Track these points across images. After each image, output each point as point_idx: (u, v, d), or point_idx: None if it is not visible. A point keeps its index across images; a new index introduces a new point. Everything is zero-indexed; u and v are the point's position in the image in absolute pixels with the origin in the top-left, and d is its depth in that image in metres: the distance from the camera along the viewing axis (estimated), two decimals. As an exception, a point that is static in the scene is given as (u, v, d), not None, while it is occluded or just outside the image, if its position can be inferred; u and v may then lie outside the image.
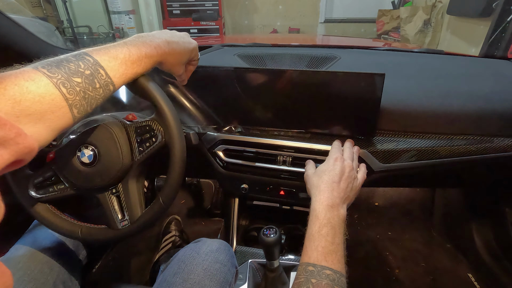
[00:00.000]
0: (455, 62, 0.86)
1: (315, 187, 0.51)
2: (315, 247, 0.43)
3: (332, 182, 0.50)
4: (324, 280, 0.39)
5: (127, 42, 0.44)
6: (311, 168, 0.57)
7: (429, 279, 1.01)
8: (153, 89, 0.50)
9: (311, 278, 0.39)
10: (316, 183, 0.52)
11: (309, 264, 0.41)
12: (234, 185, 0.75)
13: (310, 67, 0.77)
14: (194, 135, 0.64)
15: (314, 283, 0.39)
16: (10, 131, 0.17)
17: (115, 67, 0.41)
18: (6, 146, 0.16)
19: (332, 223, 0.45)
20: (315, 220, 0.46)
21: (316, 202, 0.48)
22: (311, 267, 0.41)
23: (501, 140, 0.63)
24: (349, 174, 0.52)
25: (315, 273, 0.40)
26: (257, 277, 0.67)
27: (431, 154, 0.63)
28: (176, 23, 3.69)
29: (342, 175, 0.52)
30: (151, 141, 0.52)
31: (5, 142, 0.16)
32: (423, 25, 2.83)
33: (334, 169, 0.52)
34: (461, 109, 0.64)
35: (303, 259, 0.43)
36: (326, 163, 0.54)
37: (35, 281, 0.53)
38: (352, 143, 0.62)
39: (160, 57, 0.48)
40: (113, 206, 0.53)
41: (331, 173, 0.51)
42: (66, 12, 3.19)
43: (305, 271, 0.41)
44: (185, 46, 0.53)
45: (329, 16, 3.83)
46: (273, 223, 0.62)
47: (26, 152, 0.17)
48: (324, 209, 0.47)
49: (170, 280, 0.51)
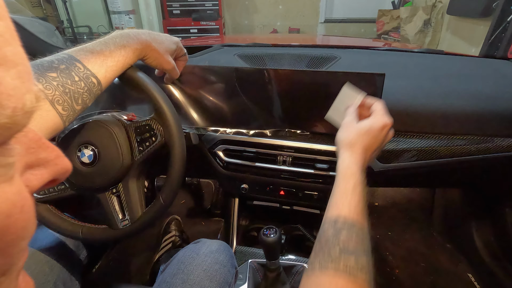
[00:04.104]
0: (455, 62, 0.86)
1: (350, 144, 0.47)
2: (347, 203, 0.40)
3: (369, 147, 0.47)
4: (354, 235, 0.37)
5: (104, 38, 0.47)
6: (351, 118, 0.51)
7: (429, 279, 1.01)
8: (147, 83, 0.51)
9: (341, 232, 0.37)
10: (354, 140, 0.47)
11: (339, 218, 0.39)
12: (234, 185, 0.75)
13: (310, 67, 0.77)
14: (194, 135, 0.64)
15: (344, 238, 0.37)
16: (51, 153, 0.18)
17: (92, 59, 0.42)
18: (47, 166, 0.17)
19: (363, 184, 0.43)
20: (351, 177, 0.43)
21: (351, 161, 0.45)
22: (341, 222, 0.39)
23: (501, 140, 0.63)
24: (383, 146, 0.49)
25: (346, 228, 0.38)
26: (257, 277, 0.67)
27: (431, 154, 0.63)
28: (176, 23, 3.69)
29: (381, 146, 0.48)
30: (151, 141, 0.52)
31: (46, 163, 0.17)
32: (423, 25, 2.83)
33: (378, 135, 0.47)
34: (461, 109, 0.64)
35: (332, 212, 0.40)
36: (374, 123, 0.48)
37: (36, 281, 0.53)
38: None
39: (141, 44, 0.50)
40: (114, 206, 0.53)
41: (374, 139, 0.47)
42: (66, 12, 3.20)
43: (334, 225, 0.39)
44: (166, 37, 0.56)
45: (329, 16, 3.83)
46: (273, 223, 0.62)
47: (62, 173, 0.18)
48: (359, 169, 0.44)
49: (170, 280, 0.50)
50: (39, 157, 0.17)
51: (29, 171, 0.16)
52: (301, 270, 0.67)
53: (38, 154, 0.17)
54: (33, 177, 0.16)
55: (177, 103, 0.73)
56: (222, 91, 0.70)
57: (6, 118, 0.12)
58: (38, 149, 0.17)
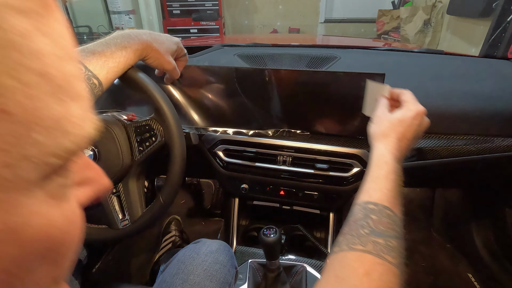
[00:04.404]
0: (455, 62, 0.86)
1: (384, 134, 0.47)
2: (379, 188, 0.40)
3: (404, 137, 0.46)
4: (385, 218, 0.36)
5: (105, 39, 0.47)
6: (383, 110, 0.51)
7: (429, 279, 1.01)
8: (147, 83, 0.51)
9: (371, 214, 0.37)
10: (387, 131, 0.47)
11: (369, 202, 0.38)
12: (234, 185, 0.75)
13: (310, 67, 0.77)
14: (194, 135, 0.64)
15: (374, 219, 0.36)
16: (96, 173, 0.20)
17: (93, 60, 0.43)
18: (92, 184, 0.19)
19: (398, 173, 0.42)
20: (384, 164, 0.43)
21: (385, 150, 0.45)
22: (371, 205, 0.38)
23: (501, 140, 0.63)
24: (421, 135, 0.49)
25: (376, 211, 0.37)
26: (257, 277, 0.67)
27: (431, 154, 0.63)
28: (176, 23, 3.69)
29: (417, 134, 0.48)
30: (151, 141, 0.52)
31: (91, 181, 0.19)
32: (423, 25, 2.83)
33: (412, 124, 0.47)
34: (461, 109, 0.64)
35: (362, 198, 0.40)
36: (406, 113, 0.48)
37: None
38: None
39: (142, 45, 0.50)
40: (114, 206, 0.53)
41: (408, 128, 0.47)
42: (66, 12, 3.19)
43: (364, 208, 0.38)
44: (167, 37, 0.56)
45: (329, 16, 3.83)
46: (273, 223, 0.62)
47: (103, 190, 0.20)
48: (393, 158, 0.44)
49: (170, 280, 0.50)
50: (86, 176, 0.19)
51: (78, 188, 0.18)
52: (301, 270, 0.67)
53: (85, 173, 0.19)
54: (81, 194, 0.18)
55: (177, 103, 0.73)
56: (222, 91, 0.70)
57: (72, 144, 0.13)
58: (85, 168, 0.19)
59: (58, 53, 0.13)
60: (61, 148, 0.13)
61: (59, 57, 0.13)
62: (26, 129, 0.11)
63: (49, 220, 0.14)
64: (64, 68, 0.13)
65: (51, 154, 0.12)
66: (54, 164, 0.13)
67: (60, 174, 0.14)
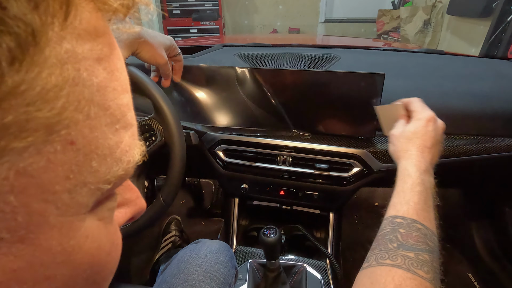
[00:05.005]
0: (455, 62, 0.86)
1: (404, 150, 0.46)
2: (405, 201, 0.39)
3: (424, 147, 0.45)
4: (415, 232, 0.35)
5: None
6: (398, 126, 0.51)
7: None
8: (147, 83, 0.51)
9: (399, 228, 0.35)
10: (406, 146, 0.46)
11: (397, 216, 0.37)
12: (234, 185, 0.75)
13: (310, 67, 0.77)
14: (194, 135, 0.64)
15: (403, 233, 0.35)
16: (134, 194, 0.20)
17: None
18: (130, 206, 0.20)
19: (426, 185, 0.41)
20: (407, 178, 0.42)
21: (408, 164, 0.44)
22: (399, 219, 0.37)
23: (501, 140, 0.63)
24: (441, 138, 0.48)
25: (404, 225, 0.36)
26: (257, 277, 0.67)
27: (431, 154, 0.63)
28: (176, 23, 3.69)
29: (436, 139, 0.47)
30: (151, 140, 0.52)
31: (129, 203, 0.20)
32: (423, 25, 2.82)
33: (426, 132, 0.46)
34: (461, 109, 0.64)
35: (389, 212, 0.39)
36: (417, 123, 0.47)
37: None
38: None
39: (132, 36, 0.49)
40: (113, 206, 0.53)
41: (424, 137, 0.46)
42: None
43: (391, 222, 0.37)
44: (159, 33, 0.56)
45: (329, 16, 3.82)
46: (273, 223, 0.62)
47: (139, 212, 0.21)
48: (418, 170, 0.43)
49: (170, 281, 0.50)
50: (125, 197, 0.19)
51: (118, 209, 0.19)
52: (301, 270, 0.67)
53: (124, 195, 0.19)
54: (120, 215, 0.19)
55: (177, 103, 0.73)
56: (222, 91, 0.70)
57: (123, 170, 0.14)
58: (125, 190, 0.20)
59: (116, 86, 0.13)
60: (113, 175, 0.13)
61: (116, 89, 0.13)
62: (87, 158, 0.12)
63: (99, 244, 0.14)
64: (120, 100, 0.14)
65: (105, 180, 0.13)
66: (106, 190, 0.13)
67: (109, 198, 0.15)
